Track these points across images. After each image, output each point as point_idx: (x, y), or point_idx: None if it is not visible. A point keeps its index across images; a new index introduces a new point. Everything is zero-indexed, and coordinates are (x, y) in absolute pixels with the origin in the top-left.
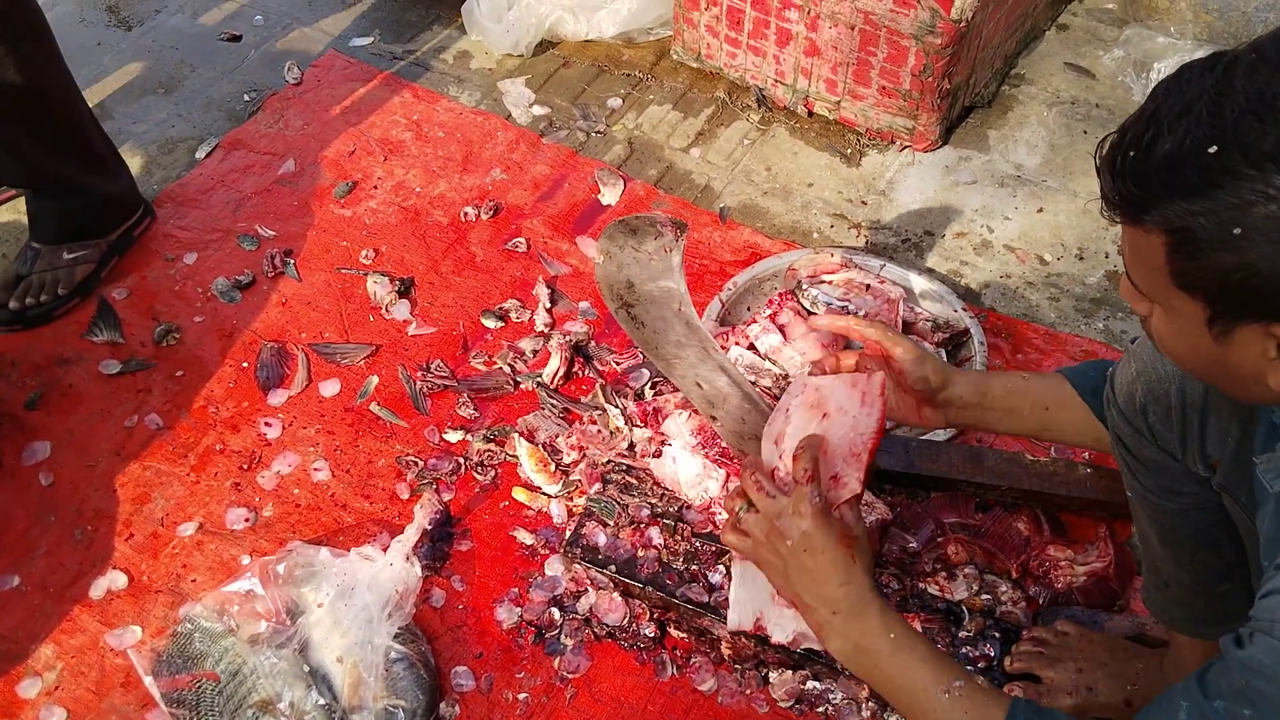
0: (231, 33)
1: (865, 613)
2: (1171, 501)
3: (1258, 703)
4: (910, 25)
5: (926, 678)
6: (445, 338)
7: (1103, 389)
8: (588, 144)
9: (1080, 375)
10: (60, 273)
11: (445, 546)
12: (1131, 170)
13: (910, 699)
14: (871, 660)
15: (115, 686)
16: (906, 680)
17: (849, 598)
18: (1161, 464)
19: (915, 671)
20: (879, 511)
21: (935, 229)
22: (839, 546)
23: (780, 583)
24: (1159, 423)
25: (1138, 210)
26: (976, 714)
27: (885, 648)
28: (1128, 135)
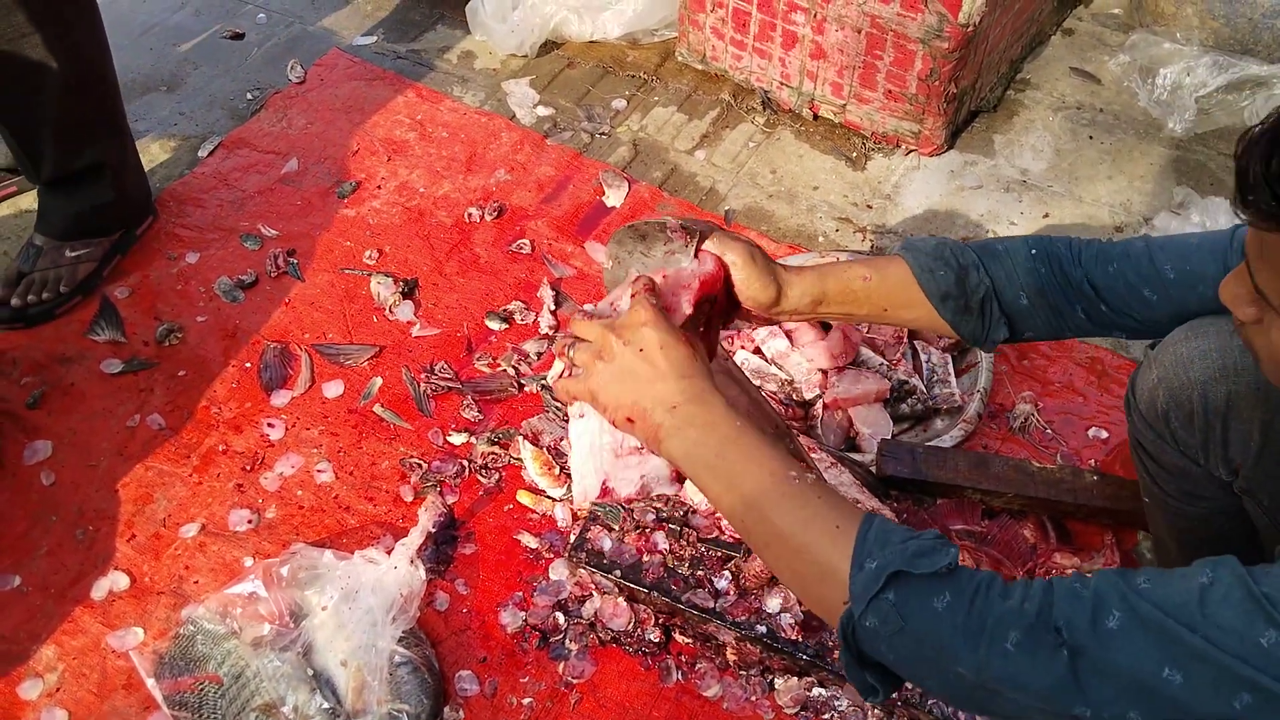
0: (235, 30)
1: (708, 399)
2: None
3: None
4: (917, 29)
5: (775, 460)
6: (449, 339)
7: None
8: (592, 145)
9: (928, 274)
10: (62, 270)
11: (449, 550)
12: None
13: (758, 484)
14: (715, 448)
15: (117, 688)
16: (752, 463)
17: (690, 389)
18: (1183, 469)
19: (762, 452)
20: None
21: (940, 233)
22: (680, 343)
23: (615, 401)
24: (1181, 428)
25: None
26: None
27: (730, 431)
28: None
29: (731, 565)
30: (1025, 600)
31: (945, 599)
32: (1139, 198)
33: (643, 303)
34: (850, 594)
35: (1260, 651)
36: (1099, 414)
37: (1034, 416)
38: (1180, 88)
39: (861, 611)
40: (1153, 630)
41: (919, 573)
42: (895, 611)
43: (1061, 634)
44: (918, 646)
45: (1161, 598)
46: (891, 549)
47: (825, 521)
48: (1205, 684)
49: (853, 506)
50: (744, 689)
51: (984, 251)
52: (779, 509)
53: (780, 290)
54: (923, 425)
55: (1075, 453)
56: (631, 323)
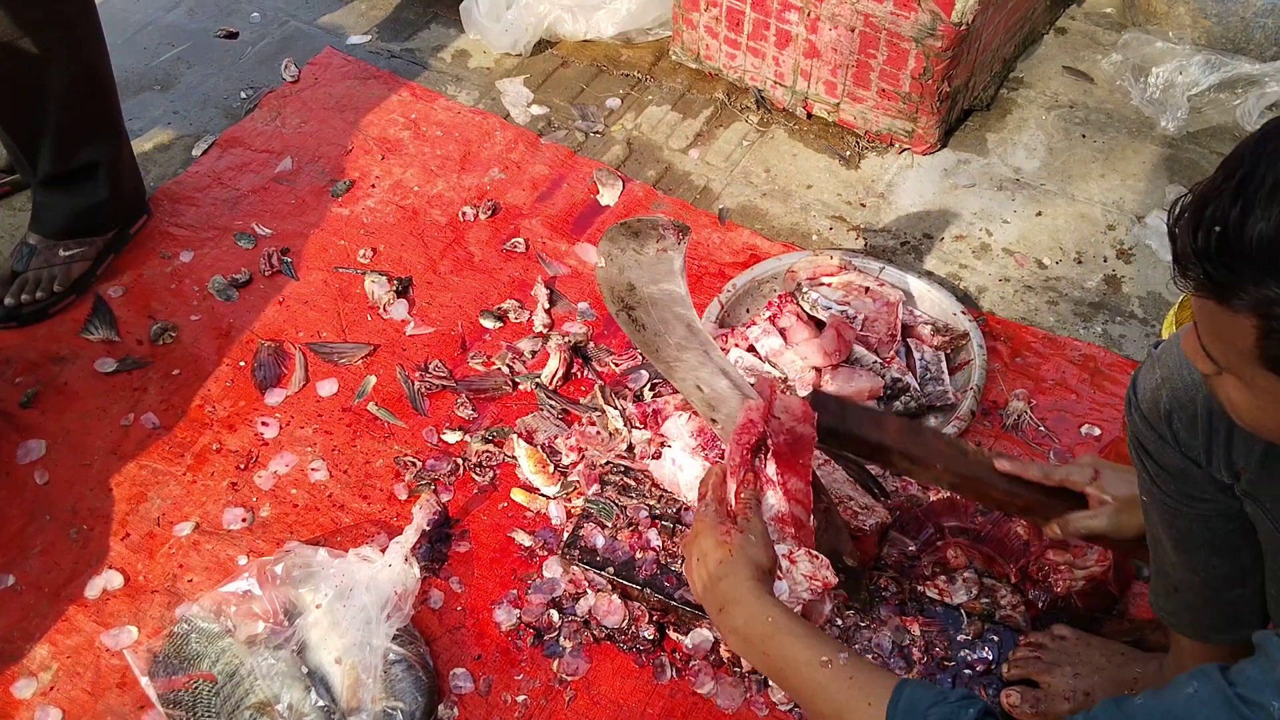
0: (228, 29)
1: (743, 600)
2: (1191, 507)
3: None
4: (910, 28)
5: (806, 652)
6: (443, 338)
7: None
8: (586, 144)
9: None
10: (56, 270)
11: (443, 548)
12: (1218, 250)
13: (795, 677)
14: (758, 647)
15: (111, 687)
16: (789, 658)
17: (729, 589)
18: (1184, 470)
19: (795, 647)
20: (878, 515)
21: (934, 232)
22: (720, 546)
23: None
24: (1183, 429)
25: (1225, 291)
26: (862, 678)
27: (765, 631)
28: (1211, 209)
29: None
30: None
31: None
32: (1131, 196)
33: (699, 514)
34: None
35: None
36: (1092, 411)
37: (1027, 414)
38: (1173, 86)
39: None
40: None
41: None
42: None
43: None
44: None
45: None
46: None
47: (859, 701)
48: None
49: (885, 679)
50: (738, 685)
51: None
52: (817, 695)
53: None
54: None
55: (1068, 450)
56: (693, 534)
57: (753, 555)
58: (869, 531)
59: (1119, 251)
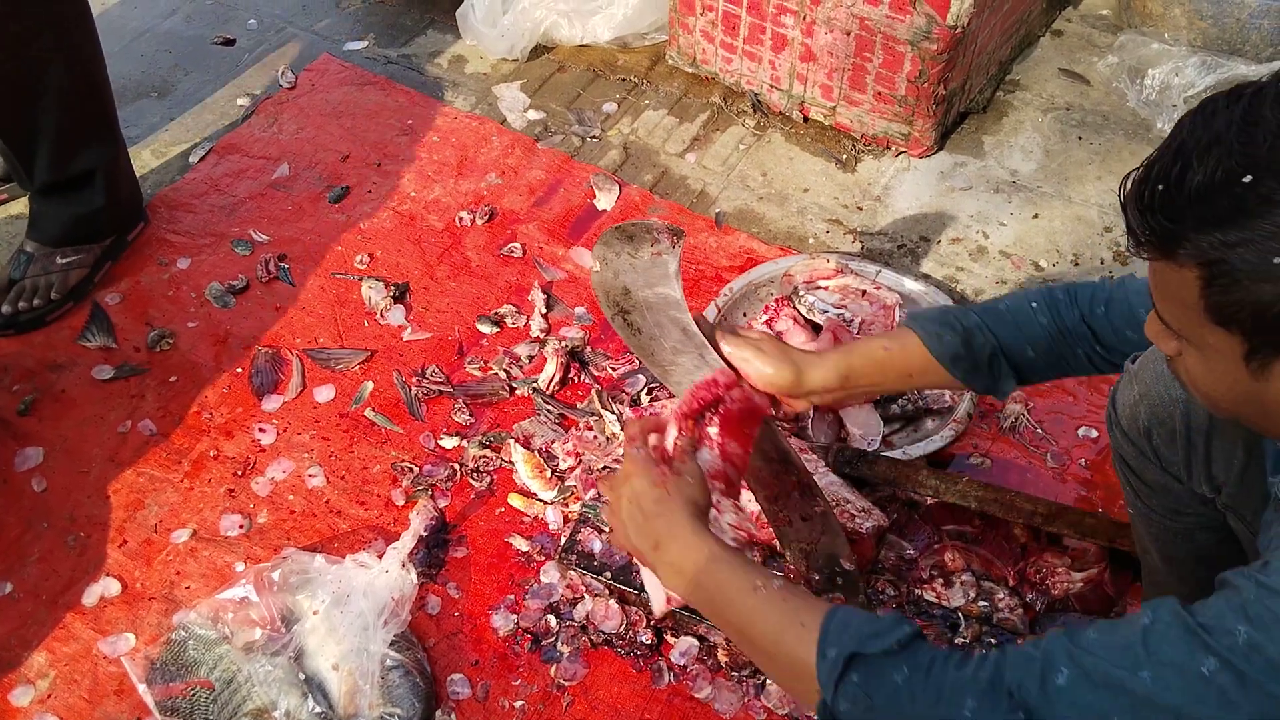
0: (225, 36)
1: (678, 535)
2: (1175, 521)
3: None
4: (906, 31)
5: (738, 579)
6: (440, 343)
7: (962, 355)
8: (583, 149)
9: (935, 340)
10: (53, 277)
11: (441, 553)
12: (1161, 204)
13: (729, 607)
14: (693, 580)
15: (108, 694)
16: (721, 588)
17: (664, 526)
18: (1166, 485)
19: (726, 576)
20: (875, 518)
21: (931, 235)
22: (654, 486)
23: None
24: (1163, 445)
25: (1169, 244)
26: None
27: (699, 561)
28: (1154, 169)
29: None
30: (979, 668)
31: (903, 672)
32: None
33: (628, 454)
34: (819, 683)
35: (1202, 681)
36: (1089, 414)
37: (1024, 416)
38: (1169, 88)
39: (832, 697)
40: (1098, 682)
41: (874, 651)
42: (861, 690)
43: (1014, 696)
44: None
45: (1106, 646)
46: (849, 634)
47: (790, 622)
48: None
49: (818, 603)
50: (736, 690)
51: (987, 313)
52: (752, 620)
53: (799, 371)
54: (913, 426)
55: (1065, 452)
56: (623, 475)
57: (689, 494)
58: (866, 535)
59: (1115, 254)
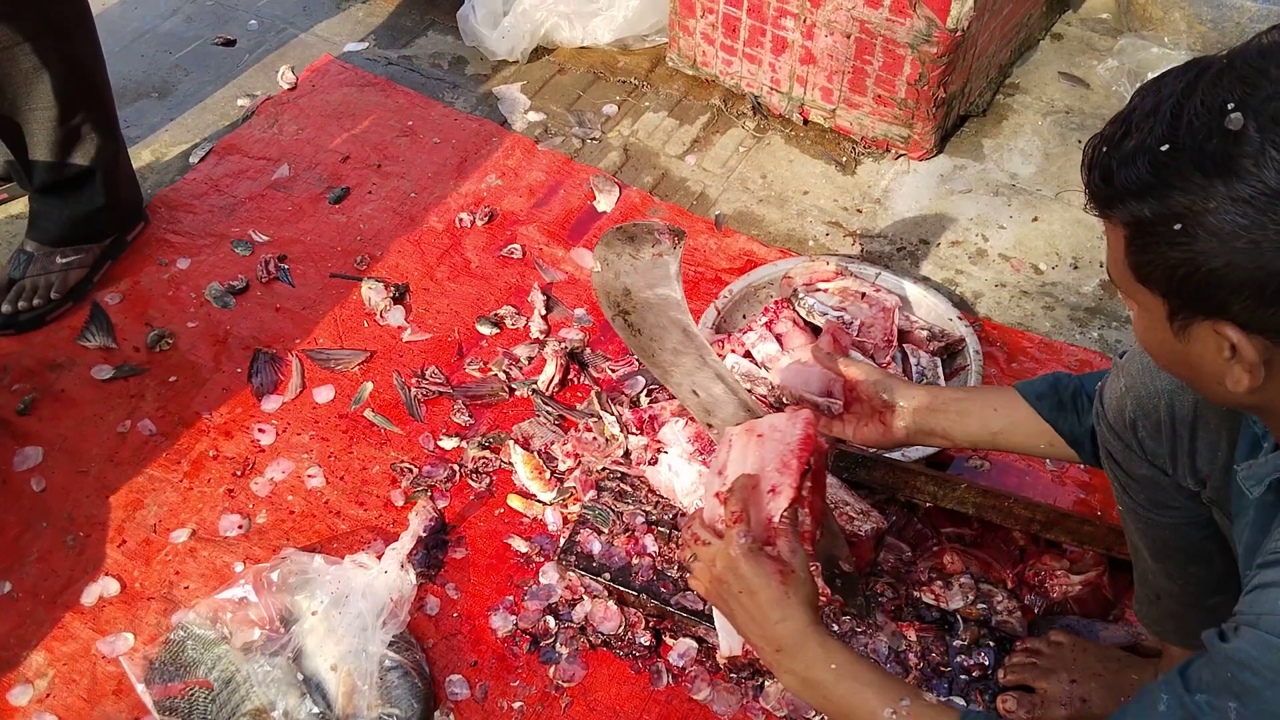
0: (226, 37)
1: (805, 645)
2: (1163, 516)
3: (1243, 696)
4: (906, 34)
5: (872, 700)
6: (440, 344)
7: (1047, 393)
8: (583, 150)
9: (1027, 384)
10: (53, 277)
11: (440, 554)
12: (1101, 164)
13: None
14: (820, 692)
15: (107, 694)
16: (853, 707)
17: (788, 633)
18: (1152, 479)
19: (860, 696)
20: (874, 520)
21: (930, 237)
22: (772, 584)
23: (733, 623)
24: (1149, 438)
25: (1105, 204)
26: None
27: (829, 678)
28: (1105, 131)
29: None
30: None
31: None
32: None
33: (733, 542)
34: None
35: None
36: None
37: None
38: None
39: None
40: None
41: None
42: None
43: None
44: None
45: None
46: None
47: None
48: None
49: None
50: (734, 692)
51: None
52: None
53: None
54: None
55: None
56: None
57: (808, 594)
58: (865, 537)
59: None
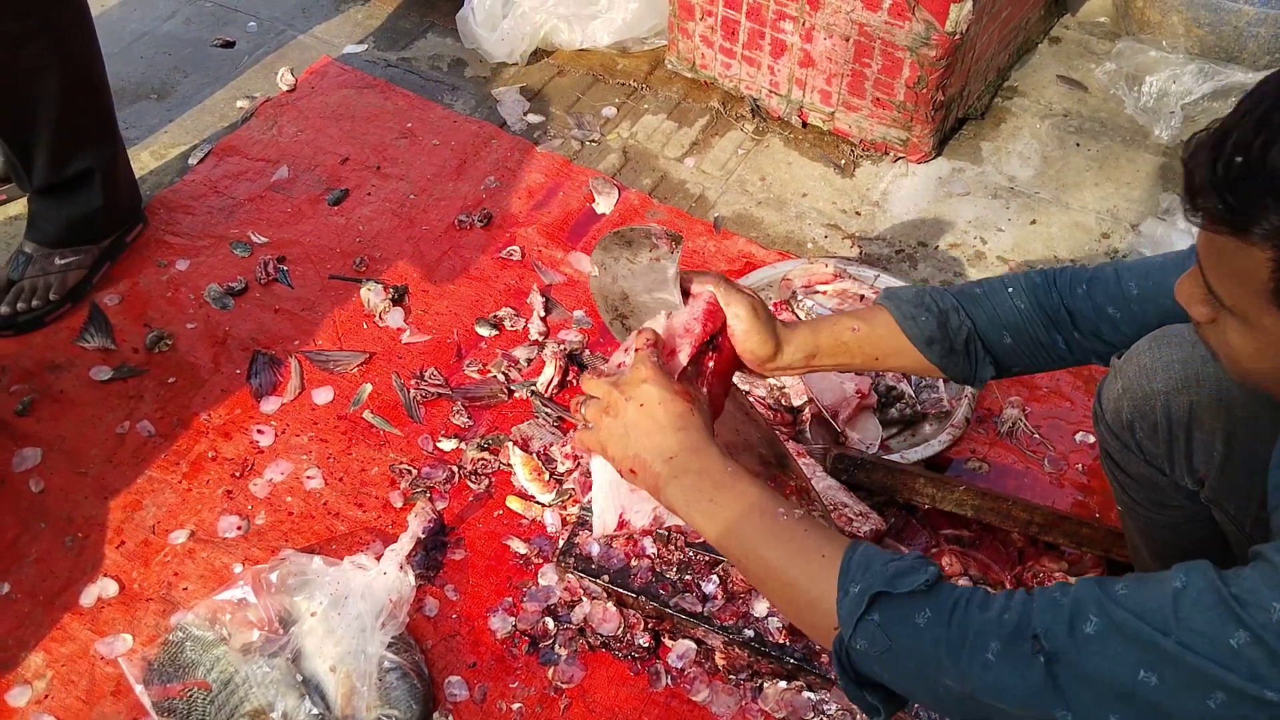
0: (225, 39)
1: (702, 450)
2: (1162, 514)
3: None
4: (905, 37)
5: (764, 502)
6: (439, 346)
7: (937, 338)
8: (582, 153)
9: (911, 324)
10: (52, 278)
11: (439, 555)
12: (1240, 177)
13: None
14: (708, 494)
15: (105, 695)
16: (742, 506)
17: (685, 441)
18: (1150, 478)
19: (750, 494)
20: (873, 522)
21: (929, 240)
22: (675, 397)
23: (620, 451)
24: (1146, 438)
25: (1242, 221)
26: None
27: (722, 478)
28: (1232, 138)
29: (719, 569)
30: (1005, 611)
31: (926, 615)
32: (1126, 204)
33: (644, 360)
34: (838, 619)
35: (1231, 652)
36: (1086, 419)
37: (1022, 421)
38: (1166, 95)
39: (850, 634)
40: (1128, 635)
41: (899, 592)
42: (881, 631)
43: (1040, 641)
44: (906, 662)
45: (1137, 603)
46: (873, 572)
47: (811, 553)
48: (1180, 686)
49: (839, 537)
50: (733, 693)
51: (963, 295)
52: (769, 546)
53: (778, 346)
54: (911, 430)
55: (1062, 457)
56: (633, 379)
57: (706, 417)
58: (864, 539)
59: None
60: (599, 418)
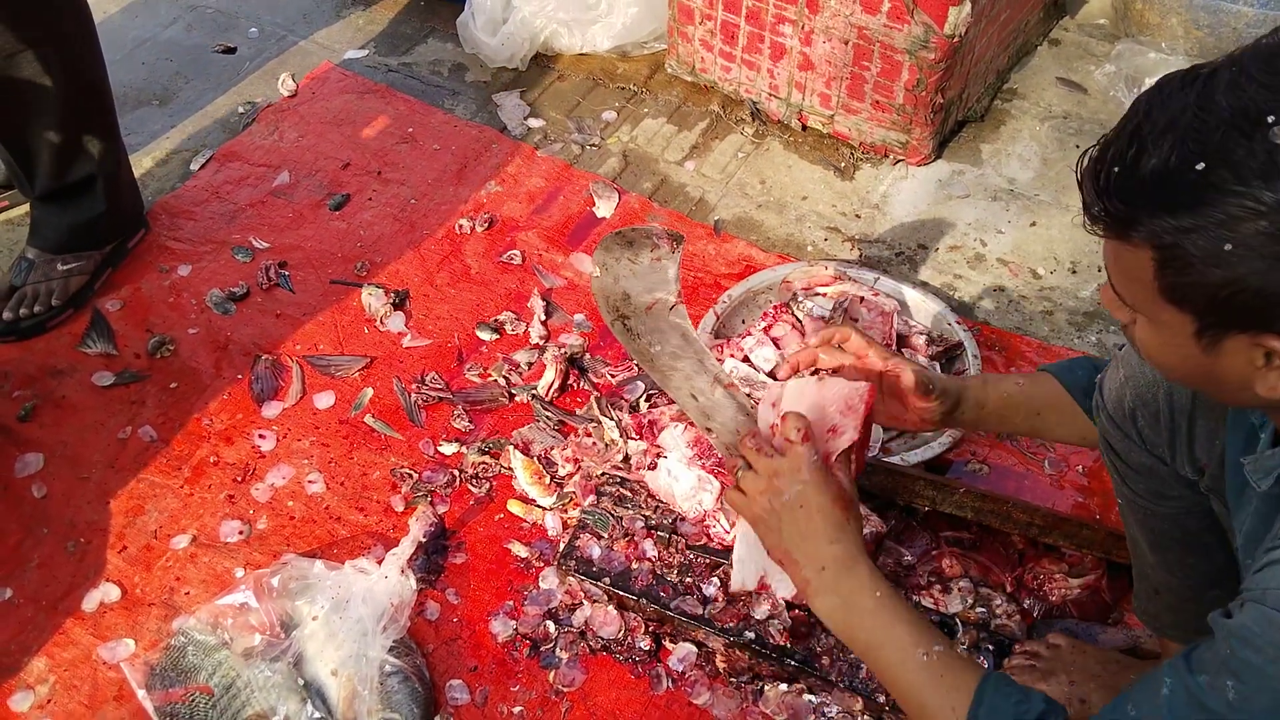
0: (226, 44)
1: (854, 569)
2: (1161, 505)
3: (1241, 673)
4: (904, 40)
5: (906, 637)
6: (440, 350)
7: (1093, 390)
8: (582, 157)
9: (1069, 373)
10: (54, 284)
11: (440, 559)
12: (1117, 186)
13: (889, 657)
14: (856, 617)
15: (108, 700)
16: (887, 638)
17: (839, 555)
18: (1151, 468)
19: (896, 630)
20: (873, 524)
21: (929, 242)
22: (833, 505)
23: (773, 540)
24: (1148, 427)
25: (1124, 226)
26: (951, 678)
27: (869, 604)
28: (1110, 150)
29: (720, 572)
30: None
31: None
32: None
33: (805, 460)
34: None
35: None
36: None
37: None
38: None
39: None
40: None
41: None
42: None
43: None
44: None
45: None
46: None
47: (945, 700)
48: None
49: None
50: (734, 696)
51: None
52: (907, 683)
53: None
54: (911, 432)
55: (1063, 459)
56: (792, 474)
57: (860, 528)
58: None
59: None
60: (756, 495)
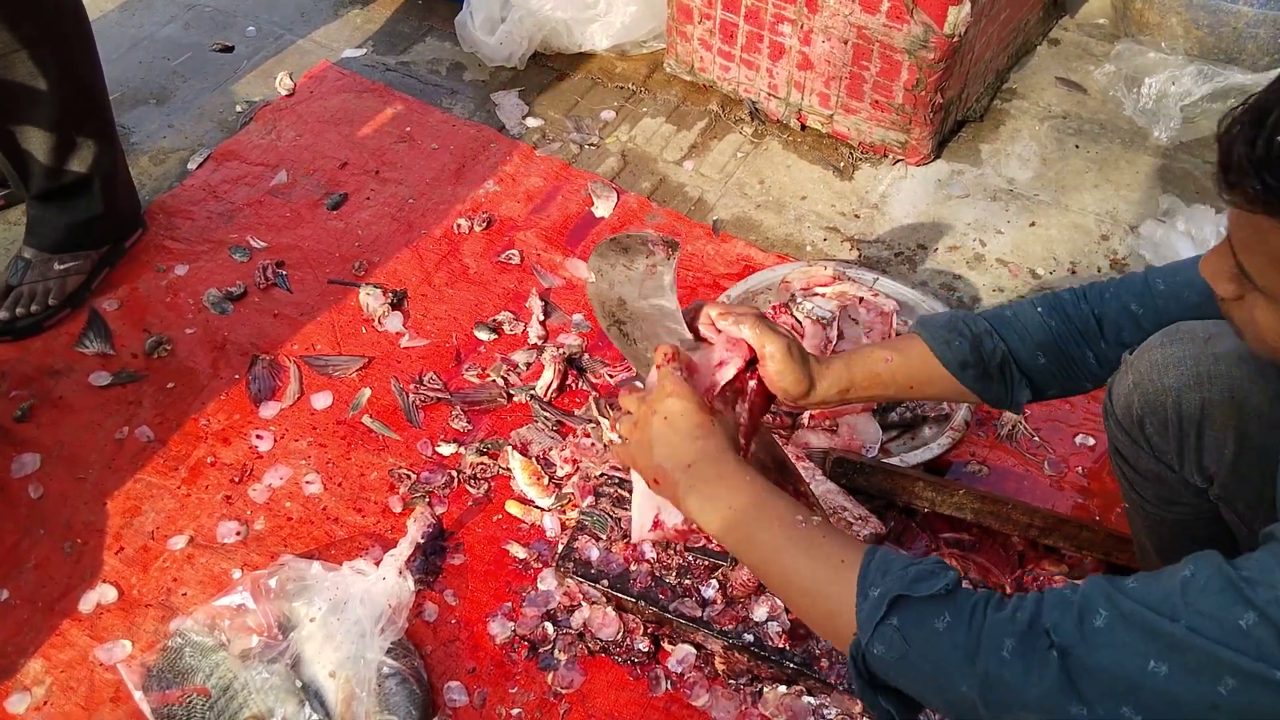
0: (224, 43)
1: (720, 459)
2: (1169, 512)
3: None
4: (903, 40)
5: (784, 511)
6: (438, 350)
7: (971, 362)
8: (581, 156)
9: (944, 347)
10: (51, 283)
11: (438, 560)
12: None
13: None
14: (724, 503)
15: (104, 701)
16: (761, 516)
17: (703, 449)
18: (1159, 475)
19: (771, 505)
20: (872, 525)
21: (928, 242)
22: (697, 410)
23: (646, 465)
24: (1156, 434)
25: None
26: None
27: (741, 486)
28: (1272, 117)
29: (719, 574)
30: (1018, 610)
31: (945, 619)
32: (1125, 206)
33: (668, 374)
34: (857, 623)
35: (1240, 634)
36: (1086, 421)
37: (1021, 424)
38: (1165, 97)
39: (868, 639)
40: (1135, 625)
41: (919, 595)
42: (899, 635)
43: (1050, 637)
44: (923, 668)
45: (1145, 594)
46: (892, 576)
47: (830, 559)
48: (1189, 673)
49: (857, 543)
50: (733, 698)
51: (995, 318)
52: (787, 553)
53: (812, 382)
54: (911, 433)
55: (1062, 460)
56: (659, 394)
57: (730, 432)
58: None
59: (1113, 262)
60: (630, 431)
